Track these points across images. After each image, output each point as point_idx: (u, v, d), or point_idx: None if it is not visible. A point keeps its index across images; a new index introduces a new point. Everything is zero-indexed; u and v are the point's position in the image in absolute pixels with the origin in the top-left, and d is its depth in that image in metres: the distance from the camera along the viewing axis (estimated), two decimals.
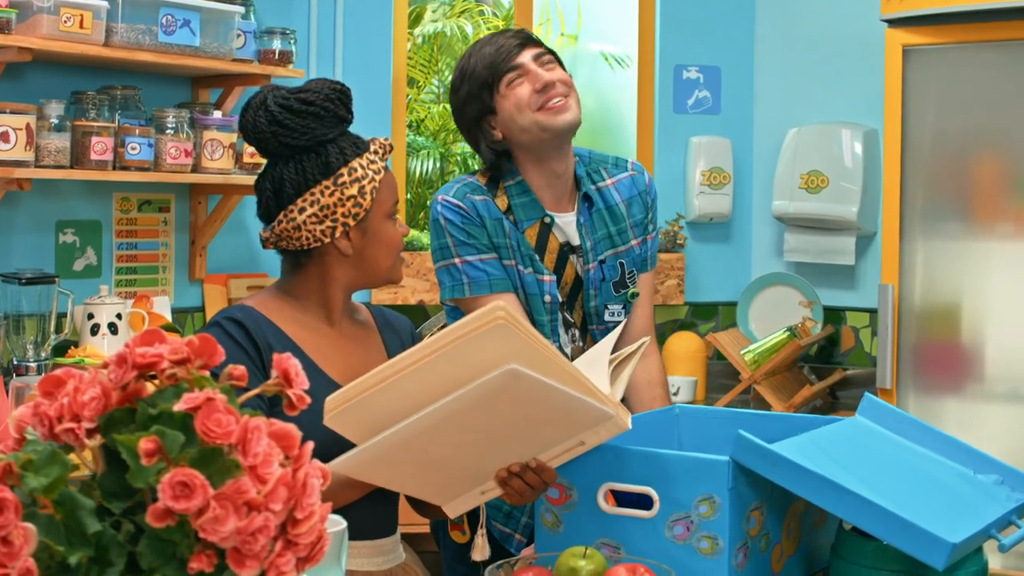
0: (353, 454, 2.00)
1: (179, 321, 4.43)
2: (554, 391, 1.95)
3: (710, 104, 5.34)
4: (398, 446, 1.98)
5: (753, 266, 5.35)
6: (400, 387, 1.96)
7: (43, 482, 1.19)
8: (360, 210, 2.43)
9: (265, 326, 2.42)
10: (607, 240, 3.01)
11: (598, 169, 3.07)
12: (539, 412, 2.01)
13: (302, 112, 2.42)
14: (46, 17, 3.67)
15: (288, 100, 2.42)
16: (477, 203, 2.91)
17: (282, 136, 2.42)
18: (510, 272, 2.91)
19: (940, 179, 4.15)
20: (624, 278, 3.04)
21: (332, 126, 2.44)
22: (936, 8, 3.99)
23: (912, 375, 4.16)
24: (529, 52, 2.90)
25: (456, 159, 8.79)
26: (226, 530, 1.17)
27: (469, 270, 2.89)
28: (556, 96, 2.87)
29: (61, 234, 4.17)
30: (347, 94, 2.49)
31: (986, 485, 2.26)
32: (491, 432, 2.04)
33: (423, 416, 1.93)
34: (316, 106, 2.42)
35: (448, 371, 1.92)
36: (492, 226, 2.91)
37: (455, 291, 2.91)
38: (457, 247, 2.90)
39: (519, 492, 2.15)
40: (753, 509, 2.13)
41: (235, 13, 4.18)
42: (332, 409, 2.00)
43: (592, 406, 2.02)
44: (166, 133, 4.08)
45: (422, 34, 9.10)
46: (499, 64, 2.89)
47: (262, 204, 2.49)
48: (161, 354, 1.27)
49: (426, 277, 4.90)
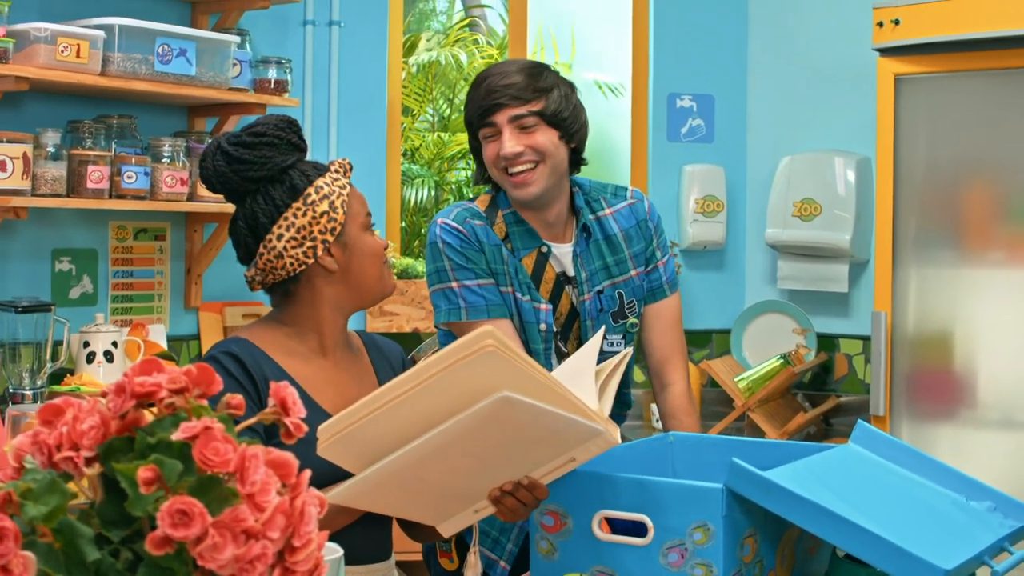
0: (347, 486, 2.00)
1: (175, 349, 4.43)
2: (545, 413, 1.95)
3: (704, 132, 5.36)
4: (392, 475, 1.99)
5: (747, 294, 5.36)
6: (392, 416, 1.96)
7: (42, 511, 1.19)
8: (335, 224, 2.45)
9: (261, 359, 2.43)
10: (604, 271, 2.99)
11: (598, 198, 3.05)
12: (530, 434, 2.02)
13: (256, 144, 2.45)
14: (43, 47, 3.69)
15: (239, 137, 2.46)
16: (477, 228, 2.90)
17: (243, 171, 2.44)
18: (507, 299, 2.90)
19: (932, 207, 4.17)
20: (623, 309, 3.02)
21: (287, 153, 2.47)
22: (927, 37, 4.01)
23: (905, 402, 4.17)
24: (509, 112, 2.84)
25: (451, 187, 8.80)
26: (224, 558, 1.18)
27: (467, 295, 2.88)
28: (518, 167, 2.85)
29: (57, 262, 4.18)
30: (296, 124, 2.52)
31: (979, 512, 2.27)
32: (483, 455, 2.05)
33: (416, 446, 1.93)
34: (269, 136, 2.45)
35: (439, 399, 1.93)
36: (491, 252, 2.90)
37: (451, 315, 2.90)
38: (455, 271, 2.88)
39: (512, 510, 2.16)
40: (747, 536, 2.14)
41: (231, 43, 4.20)
42: (325, 439, 2.00)
43: (582, 424, 2.03)
44: (162, 162, 4.09)
45: (416, 63, 9.13)
46: (479, 114, 2.88)
47: (241, 244, 2.51)
48: (159, 383, 1.28)
49: (421, 305, 4.91)
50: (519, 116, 2.84)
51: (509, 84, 2.85)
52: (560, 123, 2.87)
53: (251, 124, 2.49)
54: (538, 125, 2.85)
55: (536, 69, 2.90)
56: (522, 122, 2.84)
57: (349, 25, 4.92)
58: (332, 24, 4.89)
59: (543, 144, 2.85)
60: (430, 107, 9.25)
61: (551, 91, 2.87)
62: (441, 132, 9.02)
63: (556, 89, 2.88)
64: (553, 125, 2.87)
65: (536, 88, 2.85)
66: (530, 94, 2.85)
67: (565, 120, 2.88)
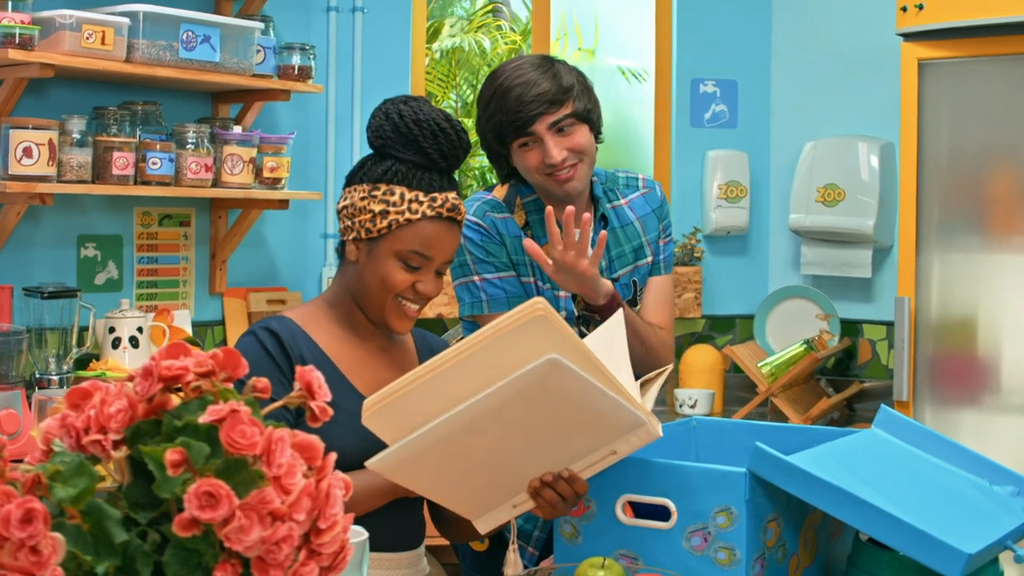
0: (390, 452, 1.99)
1: (199, 335, 4.45)
2: (592, 388, 1.96)
3: (727, 118, 5.35)
4: (435, 444, 1.98)
5: (770, 279, 5.35)
6: (438, 384, 1.96)
7: (71, 493, 1.20)
8: (372, 228, 2.44)
9: (300, 338, 2.44)
10: (622, 258, 3.04)
11: (612, 188, 3.11)
12: (574, 413, 2.02)
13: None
14: (68, 34, 3.70)
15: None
16: (497, 221, 2.96)
17: (389, 146, 2.47)
18: (527, 289, 2.96)
19: (956, 192, 4.16)
20: (636, 296, 3.08)
21: (409, 152, 2.46)
22: (951, 22, 4.00)
23: (929, 387, 4.16)
24: (548, 120, 2.86)
25: (474, 173, 8.81)
26: (251, 539, 1.19)
27: (488, 288, 2.94)
28: (562, 170, 2.89)
29: (83, 248, 4.20)
30: (455, 143, 2.49)
31: (1002, 496, 2.27)
32: (526, 434, 2.04)
33: (462, 410, 1.93)
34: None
35: (487, 366, 1.93)
36: (511, 243, 2.96)
37: (474, 308, 2.96)
38: (476, 264, 2.94)
39: (551, 503, 2.15)
40: (770, 520, 2.14)
41: (255, 29, 4.21)
42: (370, 408, 2.01)
43: (627, 409, 2.03)
44: (187, 148, 4.11)
45: (440, 49, 9.13)
46: (515, 125, 2.88)
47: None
48: (186, 367, 1.29)
49: (445, 291, 4.91)
50: (557, 122, 2.88)
51: (540, 92, 2.87)
52: (588, 117, 2.93)
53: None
54: (574, 125, 2.90)
55: (552, 69, 2.92)
56: (561, 125, 2.88)
57: (373, 11, 4.93)
58: (356, 10, 4.89)
59: (582, 144, 2.90)
60: (453, 93, 9.26)
61: (573, 88, 2.91)
62: (464, 118, 9.03)
63: (575, 84, 2.92)
64: (584, 121, 2.92)
65: (562, 89, 2.89)
66: (562, 96, 2.88)
67: (591, 112, 2.94)
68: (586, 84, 2.97)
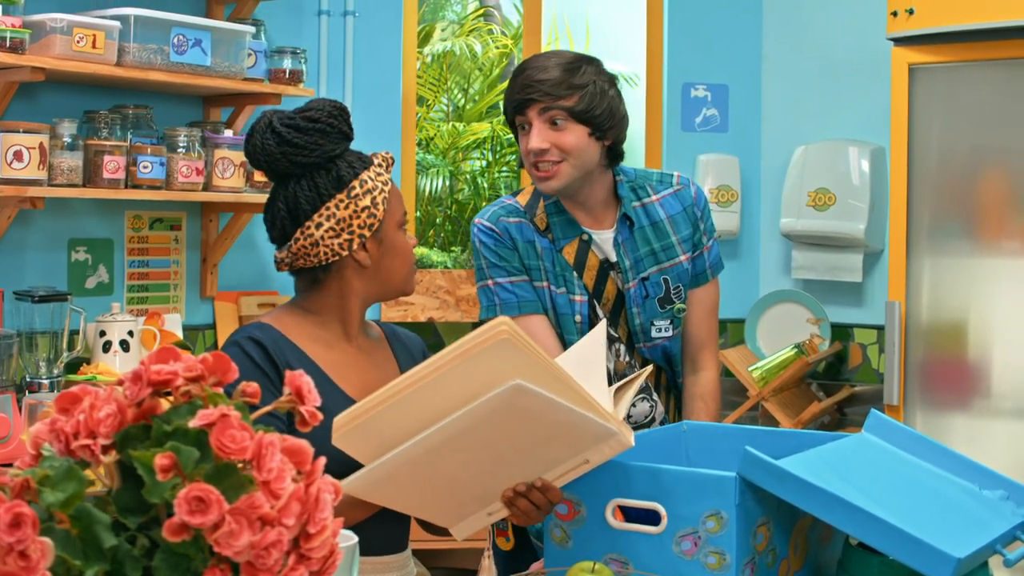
0: (361, 474, 2.01)
1: (190, 338, 4.45)
2: (558, 407, 1.96)
3: (718, 122, 5.36)
4: (405, 465, 1.99)
5: (761, 283, 5.36)
6: (406, 405, 1.97)
7: (60, 497, 1.20)
8: (375, 220, 2.46)
9: (283, 344, 2.44)
10: (651, 257, 3.03)
11: (643, 185, 3.08)
12: (544, 429, 2.02)
13: (309, 130, 2.44)
14: (59, 37, 3.70)
15: (293, 120, 2.44)
16: (510, 226, 2.99)
17: (292, 155, 2.43)
18: (541, 293, 2.98)
19: (947, 196, 4.16)
20: (669, 294, 3.05)
21: (337, 142, 2.46)
22: (942, 27, 4.01)
23: (919, 392, 4.17)
24: (539, 107, 2.87)
25: (465, 177, 8.81)
26: (240, 544, 1.19)
27: (500, 292, 2.98)
28: (543, 163, 2.89)
29: (73, 252, 4.19)
30: (347, 111, 2.51)
31: (992, 501, 2.27)
32: (497, 450, 2.05)
33: (430, 434, 1.94)
34: (322, 123, 2.44)
35: (453, 388, 1.93)
36: (524, 248, 2.98)
37: (489, 311, 3.00)
38: (489, 269, 2.99)
39: (525, 512, 2.16)
40: (760, 525, 2.14)
41: (246, 33, 4.21)
42: (340, 429, 2.01)
43: (595, 423, 2.03)
44: (178, 152, 4.11)
45: (431, 53, 9.13)
46: (513, 104, 2.91)
47: (277, 226, 2.49)
48: (176, 371, 1.29)
49: (435, 295, 4.92)
50: (548, 111, 2.87)
51: (543, 79, 2.86)
52: (590, 120, 2.88)
53: (304, 107, 2.47)
54: (567, 122, 2.87)
55: (575, 65, 2.90)
56: (551, 116, 2.87)
57: (364, 15, 4.93)
58: (347, 14, 4.90)
59: (568, 143, 2.87)
60: (445, 97, 9.26)
61: (585, 87, 2.87)
62: (456, 122, 9.02)
63: (591, 85, 2.88)
64: (583, 122, 2.88)
65: (570, 84, 2.86)
66: (563, 90, 2.86)
67: (596, 117, 2.88)
68: (606, 93, 2.91)
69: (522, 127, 2.92)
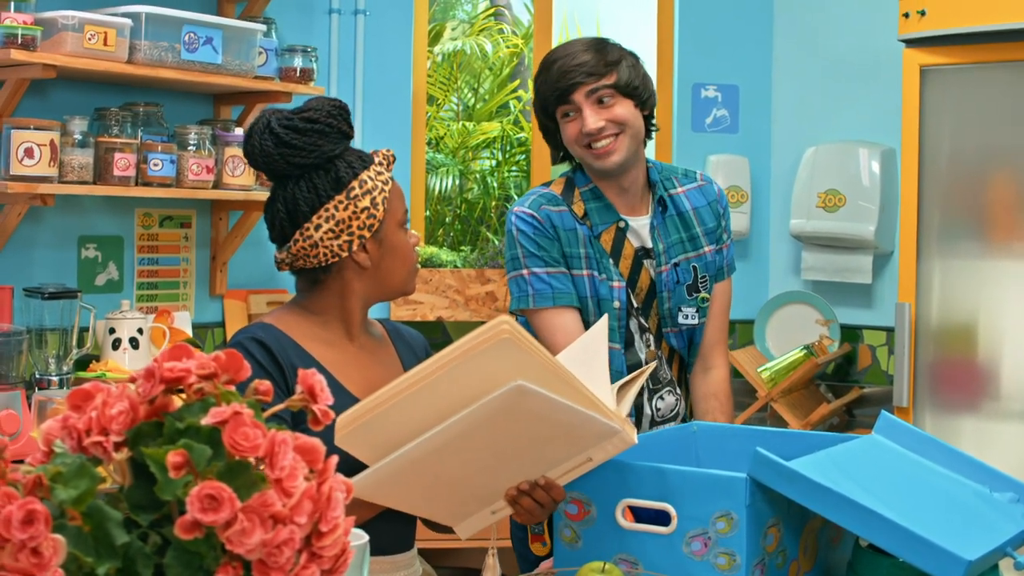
0: (364, 476, 2.00)
1: (199, 336, 4.45)
2: (560, 407, 1.96)
3: (728, 123, 5.36)
4: (408, 466, 1.99)
5: (770, 284, 5.36)
6: (407, 406, 1.96)
7: (72, 494, 1.20)
8: (375, 221, 2.45)
9: (287, 345, 2.44)
10: (679, 245, 3.06)
11: (669, 177, 3.12)
12: (546, 428, 2.02)
13: (307, 130, 2.42)
14: (70, 35, 3.70)
15: (292, 120, 2.42)
16: (552, 214, 2.98)
17: (290, 156, 2.42)
18: (580, 282, 2.97)
19: (957, 198, 4.16)
20: (697, 282, 3.08)
21: (337, 142, 2.45)
22: (953, 29, 4.00)
23: (929, 393, 4.16)
24: (586, 88, 2.91)
25: (475, 176, 8.81)
26: (252, 542, 1.19)
27: (535, 282, 2.96)
28: (601, 140, 2.93)
29: (83, 249, 4.20)
30: (347, 110, 2.49)
31: (1002, 503, 2.27)
32: (499, 450, 2.05)
33: (431, 436, 1.94)
34: (320, 123, 2.43)
35: (454, 387, 1.93)
36: (566, 237, 2.97)
37: (521, 302, 2.98)
38: (527, 258, 2.97)
39: (529, 510, 2.16)
40: (770, 526, 2.14)
41: (257, 31, 4.21)
42: (342, 429, 2.01)
43: (598, 421, 2.03)
44: (188, 149, 4.11)
45: (442, 52, 9.13)
46: (556, 93, 2.94)
47: (276, 227, 2.49)
48: (188, 369, 1.29)
49: (444, 294, 4.92)
50: (596, 91, 2.92)
51: (581, 63, 2.92)
52: (633, 92, 2.96)
53: (303, 107, 2.45)
54: (615, 97, 2.93)
55: (601, 44, 2.99)
56: (599, 95, 2.92)
57: (374, 13, 4.93)
58: (358, 12, 4.90)
59: (622, 115, 2.93)
60: (455, 96, 9.25)
61: (620, 63, 2.95)
62: (466, 121, 9.02)
63: (624, 60, 2.97)
64: (627, 95, 2.95)
65: (607, 62, 2.94)
66: (603, 68, 2.93)
67: (637, 88, 2.96)
68: (637, 66, 3.00)
69: (566, 115, 2.95)
